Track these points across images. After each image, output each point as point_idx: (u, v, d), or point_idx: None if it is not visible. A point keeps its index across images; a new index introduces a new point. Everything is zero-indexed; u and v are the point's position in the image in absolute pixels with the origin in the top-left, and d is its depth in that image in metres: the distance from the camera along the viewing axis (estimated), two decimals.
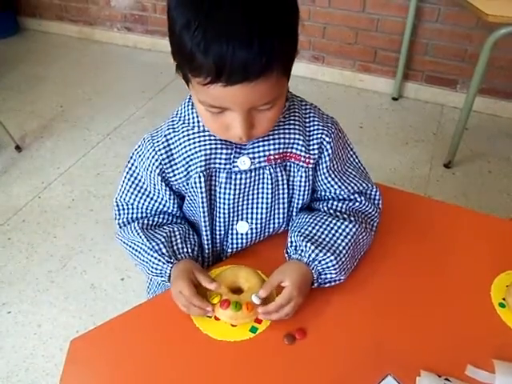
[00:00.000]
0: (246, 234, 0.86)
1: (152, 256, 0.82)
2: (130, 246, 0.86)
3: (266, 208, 0.85)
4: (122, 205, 0.88)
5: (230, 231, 0.86)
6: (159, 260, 0.81)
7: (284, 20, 0.63)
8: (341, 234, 0.82)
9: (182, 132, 0.80)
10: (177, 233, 0.83)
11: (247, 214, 0.85)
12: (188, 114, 0.80)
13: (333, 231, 0.82)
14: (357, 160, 0.91)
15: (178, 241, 0.83)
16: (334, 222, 0.83)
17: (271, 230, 0.88)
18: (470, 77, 1.98)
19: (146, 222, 0.85)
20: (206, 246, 0.87)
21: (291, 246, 0.84)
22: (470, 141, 2.32)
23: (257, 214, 0.85)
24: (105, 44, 3.41)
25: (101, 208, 2.02)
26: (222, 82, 0.61)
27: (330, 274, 0.79)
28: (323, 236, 0.81)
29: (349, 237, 0.82)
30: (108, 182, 2.16)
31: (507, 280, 0.84)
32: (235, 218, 0.85)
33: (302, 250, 0.80)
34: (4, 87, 2.89)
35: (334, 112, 0.95)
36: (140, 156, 0.84)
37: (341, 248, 0.80)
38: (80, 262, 1.79)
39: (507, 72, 2.46)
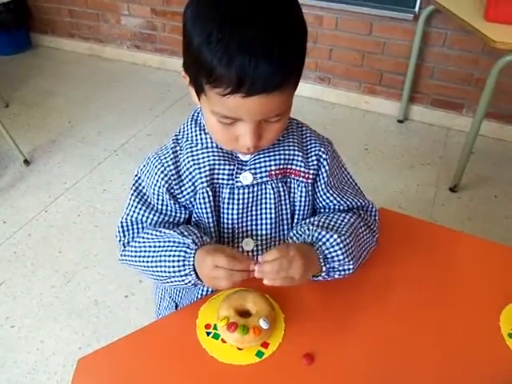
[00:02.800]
0: (252, 251, 0.87)
1: (173, 244, 0.78)
2: (143, 252, 0.82)
3: (271, 224, 0.86)
4: (128, 225, 0.86)
5: (236, 249, 0.86)
6: (182, 245, 0.77)
7: (298, 38, 0.68)
8: (342, 221, 0.83)
9: (186, 149, 0.82)
10: (191, 227, 0.82)
11: (252, 230, 0.86)
12: (191, 132, 0.83)
13: (334, 219, 0.84)
14: (351, 179, 0.93)
15: (196, 231, 0.80)
16: (336, 216, 0.85)
17: (274, 246, 0.88)
18: (476, 101, 2.00)
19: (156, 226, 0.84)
20: None
21: (294, 236, 0.83)
22: (475, 165, 2.32)
23: (261, 230, 0.87)
24: (114, 61, 3.46)
25: (106, 224, 2.02)
26: (241, 92, 0.64)
27: (338, 256, 0.78)
28: (323, 221, 0.83)
29: (349, 223, 0.83)
30: (114, 198, 2.17)
31: None
32: (240, 235, 0.86)
33: (304, 232, 0.81)
34: (16, 102, 2.93)
35: (339, 133, 0.98)
36: (146, 174, 0.85)
37: (343, 231, 0.80)
38: (84, 277, 1.80)
39: None
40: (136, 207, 0.85)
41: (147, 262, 0.81)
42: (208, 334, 0.79)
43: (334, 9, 2.64)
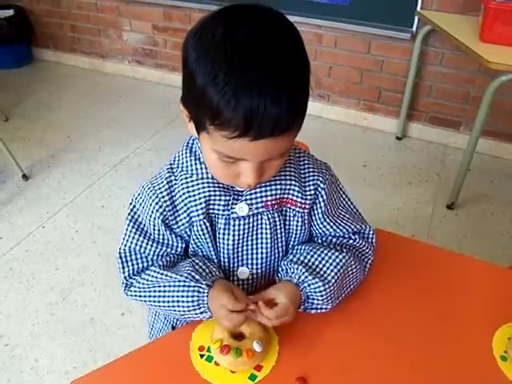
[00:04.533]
0: (247, 279, 0.87)
1: (185, 287, 0.79)
2: (153, 291, 0.82)
3: (266, 253, 0.86)
4: (126, 256, 0.85)
5: (231, 277, 0.87)
6: (194, 288, 0.78)
7: (305, 80, 0.67)
8: (331, 264, 0.83)
9: (181, 179, 0.81)
10: (196, 261, 0.82)
11: (247, 259, 0.86)
12: (186, 162, 0.82)
13: (323, 261, 0.84)
14: (349, 203, 0.93)
15: (203, 266, 0.81)
16: (325, 251, 0.85)
17: (271, 275, 0.89)
18: (474, 118, 2.01)
19: (160, 263, 0.83)
20: None
21: (282, 271, 0.86)
22: (472, 182, 2.34)
23: (257, 259, 0.86)
24: (115, 76, 3.48)
25: (104, 241, 2.02)
26: (249, 136, 0.63)
27: (317, 299, 0.81)
28: (313, 261, 0.84)
29: (338, 267, 0.83)
30: (112, 214, 2.18)
31: (509, 332, 0.84)
32: (236, 264, 0.86)
33: (293, 272, 0.82)
34: (16, 116, 2.95)
35: (338, 150, 0.98)
36: (141, 204, 0.84)
37: (329, 277, 0.82)
38: (81, 294, 1.79)
39: (510, 115, 2.50)
40: (133, 237, 0.84)
41: (158, 301, 0.82)
42: (201, 356, 0.79)
43: (333, 27, 2.66)
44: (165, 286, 0.81)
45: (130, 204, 0.85)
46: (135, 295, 0.85)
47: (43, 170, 2.47)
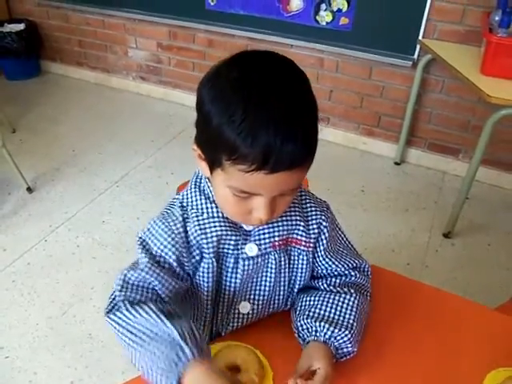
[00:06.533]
0: (248, 313, 0.89)
1: (169, 341, 0.70)
2: (135, 329, 0.74)
3: (269, 290, 0.88)
4: (132, 281, 0.80)
5: (232, 311, 0.89)
6: (178, 347, 0.69)
7: (315, 118, 0.71)
8: (346, 309, 0.86)
9: (193, 217, 0.82)
10: (195, 330, 0.73)
11: (250, 294, 0.88)
12: (196, 201, 0.83)
13: (339, 307, 0.86)
14: (345, 238, 0.96)
15: (198, 337, 0.72)
16: (337, 298, 0.87)
17: (271, 309, 0.92)
18: (473, 147, 2.03)
19: (159, 307, 0.75)
20: (207, 324, 0.88)
21: (303, 330, 0.86)
22: (470, 211, 2.35)
23: (259, 295, 0.89)
24: (120, 91, 3.54)
25: (103, 257, 2.06)
26: (266, 169, 0.66)
27: (347, 348, 0.83)
28: (332, 313, 0.85)
29: (354, 309, 0.86)
30: (112, 230, 2.21)
31: (499, 378, 0.82)
32: (238, 299, 0.88)
33: (317, 331, 0.84)
34: (22, 128, 3.00)
35: (337, 173, 1.00)
36: (152, 239, 0.81)
37: (351, 321, 0.84)
38: (80, 310, 1.82)
39: (510, 145, 2.53)
40: (146, 266, 0.79)
41: (135, 341, 0.74)
42: None
43: (335, 52, 2.72)
44: (151, 331, 0.73)
45: (140, 238, 0.83)
46: (116, 322, 0.77)
47: (47, 183, 2.51)
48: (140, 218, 2.28)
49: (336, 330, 0.82)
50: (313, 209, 0.88)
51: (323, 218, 0.88)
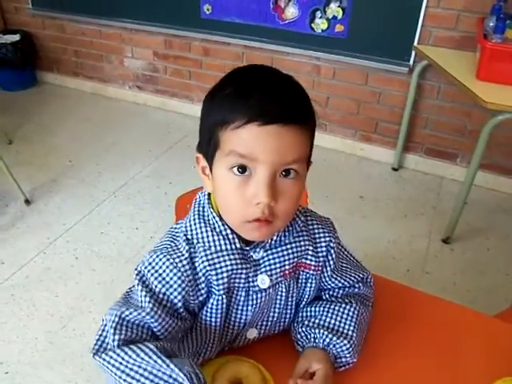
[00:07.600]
0: (254, 338, 0.88)
1: (168, 377, 0.69)
2: (131, 370, 0.70)
3: (277, 316, 0.87)
4: (122, 322, 0.75)
5: (239, 337, 0.86)
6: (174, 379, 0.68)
7: (310, 106, 0.74)
8: (346, 319, 0.85)
9: (200, 252, 0.77)
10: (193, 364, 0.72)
11: (258, 321, 0.86)
12: (202, 233, 0.78)
13: (339, 317, 0.86)
14: (349, 253, 0.95)
15: (198, 372, 0.70)
16: (337, 307, 0.87)
17: (277, 331, 0.90)
18: (470, 151, 2.04)
19: (158, 345, 0.71)
20: (213, 350, 0.84)
21: (301, 338, 0.86)
22: (469, 215, 2.34)
23: (267, 321, 0.87)
24: (116, 100, 3.54)
25: (102, 269, 2.04)
26: (258, 121, 0.67)
27: (345, 357, 0.83)
28: (332, 322, 0.85)
29: (354, 319, 0.86)
30: (111, 241, 2.20)
31: None
32: (246, 327, 0.85)
33: (315, 337, 0.83)
34: (19, 138, 2.99)
35: (335, 180, 0.99)
36: (154, 275, 0.76)
37: (350, 332, 0.84)
38: (79, 323, 1.81)
39: (507, 149, 2.54)
40: (148, 306, 0.74)
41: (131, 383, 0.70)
42: None
43: (331, 60, 2.73)
44: (145, 370, 0.70)
45: (139, 273, 0.77)
46: (109, 363, 0.72)
47: (45, 195, 2.50)
48: (139, 229, 2.27)
49: (334, 338, 0.82)
50: (320, 230, 0.86)
51: (331, 238, 0.87)
